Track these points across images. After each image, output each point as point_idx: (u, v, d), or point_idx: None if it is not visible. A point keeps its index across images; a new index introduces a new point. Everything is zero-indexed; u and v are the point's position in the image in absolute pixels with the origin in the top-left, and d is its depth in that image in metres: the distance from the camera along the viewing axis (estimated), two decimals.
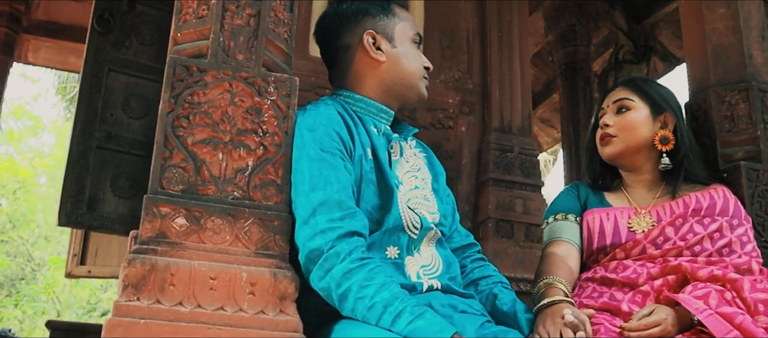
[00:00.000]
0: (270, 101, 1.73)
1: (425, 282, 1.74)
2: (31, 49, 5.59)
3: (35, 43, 5.53)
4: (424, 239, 1.80)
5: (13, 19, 4.97)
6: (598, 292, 1.96)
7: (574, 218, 2.14)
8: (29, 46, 5.55)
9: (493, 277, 1.94)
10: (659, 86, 2.21)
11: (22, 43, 5.45)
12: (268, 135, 1.71)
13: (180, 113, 1.66)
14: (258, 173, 1.68)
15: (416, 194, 1.86)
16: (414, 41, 1.94)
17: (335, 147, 1.70)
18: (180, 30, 1.78)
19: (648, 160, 2.16)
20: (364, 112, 1.87)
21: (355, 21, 1.90)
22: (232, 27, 1.76)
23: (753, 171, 2.19)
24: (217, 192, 1.64)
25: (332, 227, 1.59)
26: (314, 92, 3.27)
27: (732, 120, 2.27)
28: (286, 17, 1.85)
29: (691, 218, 2.03)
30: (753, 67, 2.31)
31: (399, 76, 1.90)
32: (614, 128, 2.16)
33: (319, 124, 1.71)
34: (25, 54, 5.59)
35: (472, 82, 3.62)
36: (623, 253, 2.03)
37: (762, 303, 1.79)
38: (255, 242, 1.63)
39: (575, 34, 5.14)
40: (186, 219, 1.60)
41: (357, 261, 1.56)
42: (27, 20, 5.27)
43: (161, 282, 1.53)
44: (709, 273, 1.87)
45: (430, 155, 2.05)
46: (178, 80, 1.68)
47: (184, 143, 1.65)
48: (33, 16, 5.36)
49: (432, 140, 3.44)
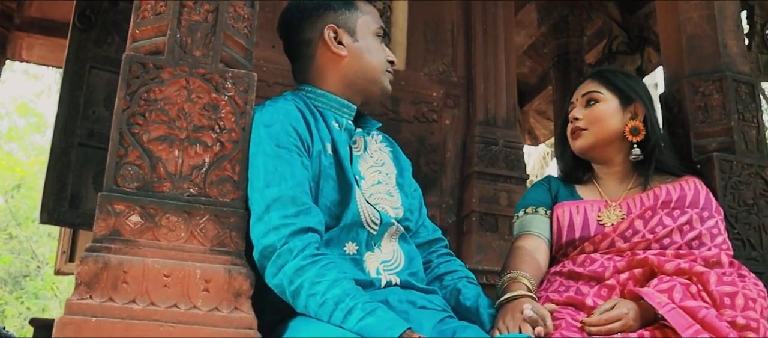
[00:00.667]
0: (227, 97, 1.72)
1: (384, 277, 1.73)
2: (25, 46, 5.59)
3: (29, 40, 5.54)
4: (384, 234, 1.79)
5: (5, 16, 4.98)
6: (565, 286, 1.94)
7: (544, 211, 2.13)
8: (23, 44, 5.55)
9: (458, 272, 1.93)
10: (628, 77, 2.19)
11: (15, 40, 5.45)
12: (225, 131, 1.70)
13: (136, 110, 1.66)
14: (214, 170, 1.67)
15: (378, 190, 1.85)
16: (377, 35, 1.93)
17: (292, 143, 1.69)
18: (138, 27, 1.77)
19: (619, 152, 2.15)
20: (326, 107, 1.86)
21: (316, 15, 1.89)
22: (190, 23, 1.75)
23: (726, 162, 2.16)
24: (172, 189, 1.64)
25: (286, 223, 1.59)
26: None
27: (706, 111, 2.25)
28: (246, 13, 1.84)
29: (660, 211, 2.01)
30: (728, 57, 2.28)
31: (361, 70, 1.88)
32: (584, 121, 2.15)
33: (275, 120, 1.70)
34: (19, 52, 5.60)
35: (456, 75, 3.60)
36: (592, 246, 2.01)
37: (728, 296, 1.78)
38: (210, 239, 1.62)
39: (568, 26, 5.10)
40: (140, 217, 1.60)
41: (309, 258, 1.55)
42: (20, 18, 5.27)
43: (114, 279, 1.53)
44: (675, 266, 1.85)
45: (396, 150, 2.04)
46: (134, 77, 1.68)
47: (139, 140, 1.64)
48: (26, 13, 5.37)
49: (416, 134, 3.43)
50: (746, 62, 2.30)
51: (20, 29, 5.38)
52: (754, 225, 2.15)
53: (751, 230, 2.14)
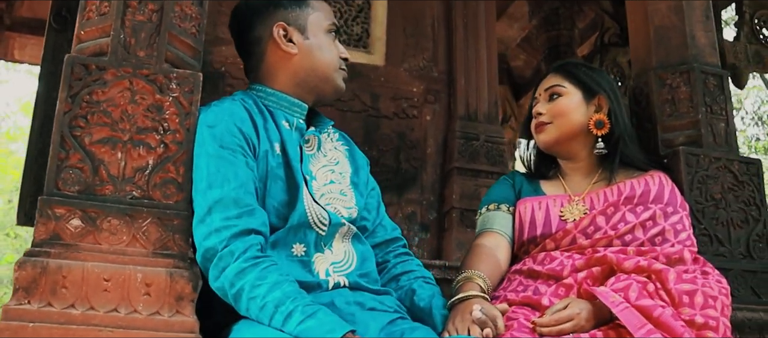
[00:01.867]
0: (172, 98, 1.70)
1: (332, 279, 1.70)
2: (18, 46, 5.59)
3: (21, 40, 5.53)
4: (335, 235, 1.76)
5: None
6: (524, 285, 1.91)
7: (507, 208, 2.10)
8: (15, 44, 5.55)
9: (415, 272, 1.90)
10: (591, 69, 2.16)
11: (7, 41, 5.45)
12: (170, 133, 1.68)
13: (78, 112, 1.64)
14: (158, 172, 1.65)
15: (331, 189, 1.83)
16: (329, 31, 1.90)
17: (236, 143, 1.66)
18: (83, 28, 1.76)
19: (584, 146, 2.11)
20: (276, 106, 1.84)
21: (266, 13, 1.86)
22: (134, 23, 1.73)
23: (692, 156, 2.12)
24: (115, 192, 1.62)
25: (227, 225, 1.56)
26: None
27: (673, 104, 2.21)
28: (194, 12, 1.82)
29: (623, 207, 1.98)
30: (696, 49, 2.24)
31: (312, 68, 1.85)
32: (547, 116, 2.11)
33: (219, 120, 1.68)
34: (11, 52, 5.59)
35: (437, 70, 3.56)
36: (553, 243, 1.98)
37: (687, 294, 1.74)
38: (153, 242, 1.61)
39: (559, 18, 5.05)
40: (81, 220, 1.58)
41: (250, 260, 1.53)
42: (10, 18, 5.26)
43: (53, 284, 1.52)
44: (634, 264, 1.82)
45: (352, 148, 2.01)
46: (77, 79, 1.66)
47: (81, 143, 1.63)
48: (16, 13, 5.36)
49: (396, 130, 3.40)
50: (715, 54, 2.25)
51: (11, 29, 5.37)
52: (721, 220, 2.10)
53: (719, 226, 2.10)
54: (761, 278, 2.07)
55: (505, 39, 5.80)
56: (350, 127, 3.32)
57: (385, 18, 3.52)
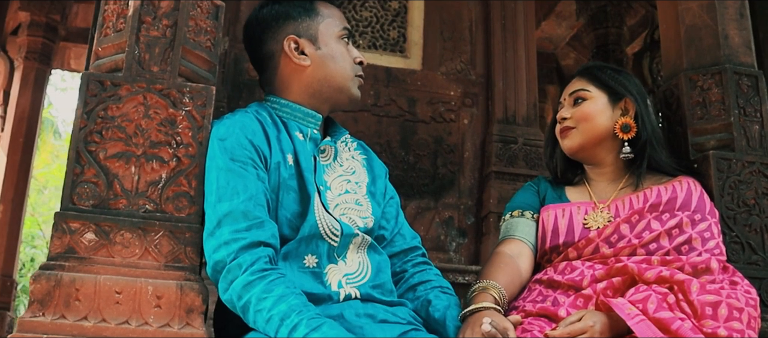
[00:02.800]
0: (185, 112, 1.72)
1: (344, 291, 1.70)
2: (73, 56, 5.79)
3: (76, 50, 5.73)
4: (349, 246, 1.76)
5: (49, 29, 5.15)
6: (543, 296, 1.87)
7: (531, 215, 2.06)
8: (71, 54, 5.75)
9: (432, 282, 1.88)
10: (618, 72, 2.10)
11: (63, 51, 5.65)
12: (182, 146, 1.70)
13: (93, 128, 1.68)
14: (171, 185, 1.68)
15: (346, 199, 1.82)
16: (341, 38, 1.89)
17: (247, 156, 1.67)
18: (101, 45, 1.80)
19: (610, 151, 2.06)
20: (290, 117, 1.84)
21: (275, 26, 1.87)
22: (148, 39, 1.76)
23: (724, 161, 2.04)
24: (128, 206, 1.65)
25: (236, 238, 1.58)
26: None
27: (704, 106, 2.13)
28: (209, 25, 1.84)
29: (648, 214, 1.92)
30: (728, 49, 2.15)
31: (325, 79, 1.85)
32: (572, 120, 2.07)
33: (230, 133, 1.69)
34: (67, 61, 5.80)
35: (474, 73, 3.52)
36: (576, 252, 1.94)
37: (711, 306, 1.67)
38: (165, 255, 1.63)
39: (606, 16, 4.94)
40: (95, 234, 1.62)
41: (257, 273, 1.54)
42: (65, 29, 5.45)
43: (67, 297, 1.55)
44: (656, 274, 1.76)
45: (371, 157, 2.00)
46: (92, 96, 1.70)
47: (96, 158, 1.66)
48: (71, 24, 5.55)
49: (433, 135, 3.38)
50: (750, 53, 2.16)
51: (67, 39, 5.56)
52: (755, 227, 2.02)
53: (752, 233, 2.01)
54: None
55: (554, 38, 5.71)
56: (387, 132, 3.32)
57: (422, 22, 3.50)
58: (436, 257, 3.20)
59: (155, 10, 1.78)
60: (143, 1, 1.77)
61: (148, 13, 1.77)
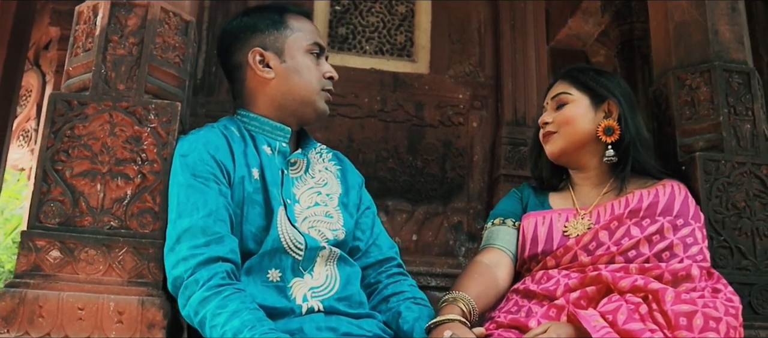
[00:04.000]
0: (150, 129, 1.74)
1: (307, 304, 1.69)
2: None
3: None
4: (316, 259, 1.75)
5: None
6: (518, 306, 1.83)
7: (512, 223, 2.02)
8: None
9: (405, 293, 1.85)
10: (600, 73, 2.04)
11: None
12: (147, 163, 1.73)
13: (59, 147, 1.71)
14: (136, 202, 1.70)
15: (315, 212, 1.82)
16: (310, 52, 1.88)
17: (208, 171, 1.68)
18: (71, 64, 1.83)
19: (594, 155, 2.01)
20: (258, 130, 1.84)
21: (243, 38, 1.87)
22: (115, 57, 1.79)
23: (711, 162, 1.97)
24: (93, 223, 1.68)
25: (194, 253, 1.58)
26: None
27: (693, 106, 2.05)
28: (178, 41, 1.86)
29: (628, 220, 1.86)
30: (718, 45, 2.07)
31: (290, 92, 1.84)
32: (554, 124, 2.02)
33: (192, 149, 1.70)
34: None
35: (483, 75, 3.47)
36: (554, 261, 1.89)
37: (685, 316, 1.61)
38: (129, 271, 1.65)
39: (631, 11, 4.82)
40: (60, 252, 1.65)
41: (213, 289, 1.55)
42: None
43: (30, 314, 1.59)
44: (631, 283, 1.71)
45: (345, 167, 1.99)
46: (59, 115, 1.73)
47: (62, 176, 1.70)
48: None
49: (441, 139, 3.35)
50: (742, 49, 2.07)
51: None
52: (745, 230, 1.94)
53: (742, 237, 1.93)
54: None
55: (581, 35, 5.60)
56: (394, 137, 3.30)
57: (430, 25, 3.46)
58: (446, 262, 3.17)
59: (122, 28, 1.80)
60: (111, 21, 1.80)
61: (115, 32, 1.80)
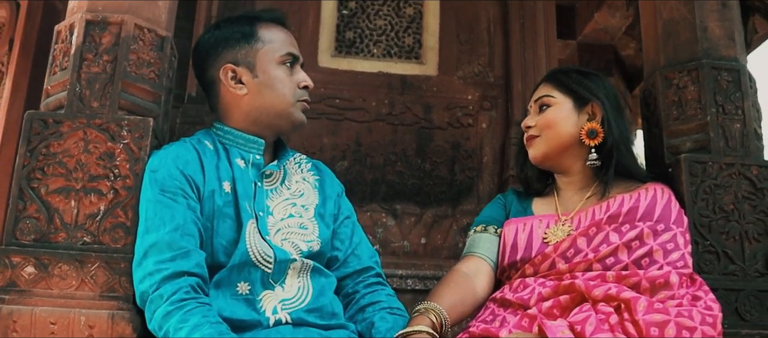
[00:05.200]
0: (123, 145, 1.77)
1: (276, 317, 1.69)
2: None
3: None
4: (287, 271, 1.75)
5: None
6: (494, 315, 1.81)
7: (494, 230, 1.99)
8: None
9: (381, 303, 1.84)
10: (584, 75, 2.00)
11: None
12: (120, 178, 1.76)
13: (35, 165, 1.75)
14: (108, 217, 1.73)
15: (289, 224, 1.82)
16: (283, 63, 1.88)
17: (177, 186, 1.70)
18: (49, 83, 1.87)
19: (578, 159, 1.97)
20: (232, 143, 1.86)
21: (214, 54, 1.88)
22: (89, 75, 1.82)
23: (698, 164, 1.91)
24: (67, 239, 1.72)
25: (159, 269, 1.61)
26: (323, 103, 3.28)
27: (680, 106, 1.99)
28: (152, 57, 1.88)
29: (607, 226, 1.82)
30: (707, 42, 2.01)
31: (264, 107, 1.85)
32: (536, 128, 1.99)
33: (162, 165, 1.73)
34: None
35: (493, 75, 3.44)
36: (532, 269, 1.86)
37: (656, 325, 1.57)
38: (101, 286, 1.69)
39: None
40: (35, 267, 1.69)
41: (176, 303, 1.56)
42: None
43: (5, 329, 1.63)
44: (604, 291, 1.67)
45: (324, 177, 1.98)
46: (35, 134, 1.77)
47: (38, 194, 1.74)
48: None
49: (450, 141, 3.33)
50: (733, 46, 2.00)
51: None
52: (733, 234, 1.87)
53: (730, 241, 1.87)
54: None
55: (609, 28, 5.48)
56: (402, 141, 3.29)
57: (438, 26, 3.44)
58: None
59: (97, 46, 1.84)
60: (86, 39, 1.84)
61: (90, 50, 1.83)
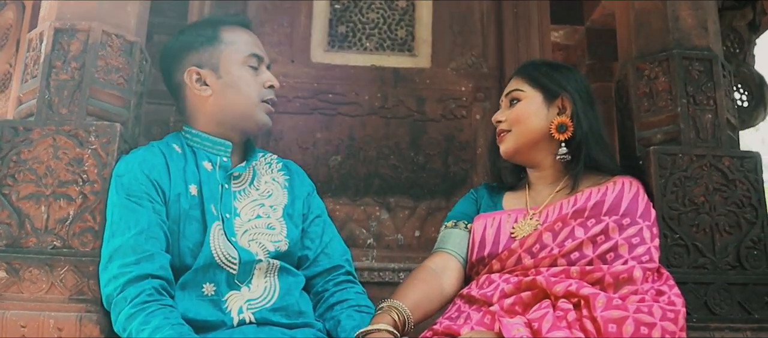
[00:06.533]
0: (91, 150, 1.81)
1: (240, 316, 1.72)
2: None
3: None
4: (253, 272, 1.77)
5: None
6: (459, 312, 1.82)
7: (464, 225, 2.00)
8: None
9: (349, 301, 1.86)
10: (554, 68, 1.99)
11: None
12: (88, 183, 1.79)
13: (6, 172, 1.79)
14: (77, 222, 1.77)
15: (256, 225, 1.84)
16: (247, 64, 1.89)
17: (142, 191, 1.73)
18: (22, 91, 1.92)
19: (548, 153, 1.96)
20: (199, 146, 1.88)
21: (180, 58, 1.90)
22: (58, 82, 1.86)
23: (667, 156, 1.89)
24: (38, 244, 1.76)
25: (123, 272, 1.64)
26: (317, 98, 3.29)
27: (651, 97, 1.97)
28: (121, 62, 1.92)
29: (572, 221, 1.82)
30: (679, 32, 1.98)
31: (228, 107, 1.87)
32: (506, 123, 1.99)
33: (128, 170, 1.76)
34: None
35: (487, 66, 3.41)
36: (499, 264, 1.86)
37: (615, 322, 1.57)
38: (70, 289, 1.73)
39: None
40: (6, 272, 1.74)
41: (138, 305, 1.60)
42: None
43: None
44: (564, 288, 1.67)
45: (294, 177, 2.00)
46: (6, 142, 1.81)
47: (9, 200, 1.78)
48: None
49: (443, 133, 3.32)
50: (705, 35, 1.97)
51: None
52: (703, 227, 1.86)
53: (700, 233, 1.85)
54: (753, 291, 1.81)
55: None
56: (396, 134, 3.29)
57: (431, 18, 3.42)
58: None
59: (66, 54, 1.87)
60: (55, 47, 1.87)
61: (59, 57, 1.87)
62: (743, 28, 4.51)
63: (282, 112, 3.10)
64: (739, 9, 4.55)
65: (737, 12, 4.55)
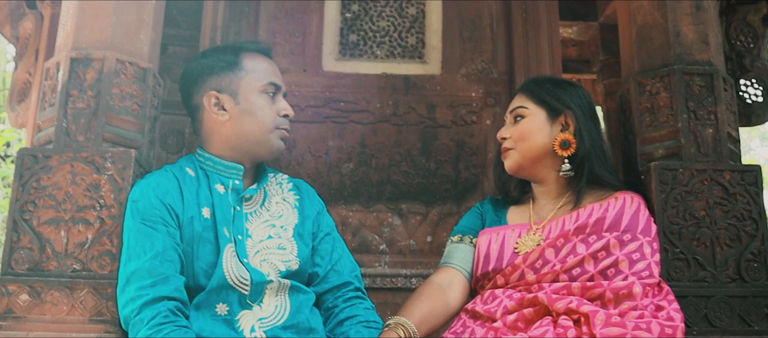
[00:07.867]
0: (107, 176, 1.88)
1: (253, 335, 1.78)
2: None
3: None
4: (264, 291, 1.84)
5: None
6: (464, 327, 1.87)
7: (469, 240, 2.05)
8: None
9: (358, 317, 1.91)
10: (558, 85, 2.03)
11: None
12: (105, 208, 1.86)
13: (27, 198, 1.87)
14: (95, 245, 1.84)
15: (267, 245, 1.90)
16: (265, 91, 1.95)
17: (157, 215, 1.80)
18: (40, 118, 1.99)
19: (552, 168, 2.01)
20: (212, 169, 1.94)
21: (200, 81, 1.96)
22: (75, 110, 1.93)
23: (668, 172, 1.92)
24: (58, 267, 1.83)
25: (140, 295, 1.71)
26: (329, 107, 3.35)
27: (652, 112, 2.01)
28: (135, 89, 1.98)
29: (574, 237, 1.86)
30: (680, 47, 2.01)
31: (244, 133, 1.93)
32: (510, 140, 2.04)
33: (143, 195, 1.82)
34: None
35: (497, 72, 3.45)
36: (503, 279, 1.91)
37: None
38: (89, 310, 1.80)
39: None
40: (29, 295, 1.81)
41: (155, 327, 1.67)
42: None
43: None
44: (566, 305, 1.72)
45: (305, 195, 2.06)
46: (26, 169, 1.89)
47: (31, 225, 1.86)
48: None
49: (454, 139, 3.36)
50: (706, 49, 1.99)
51: None
52: (704, 241, 1.89)
53: (701, 247, 1.89)
54: (753, 303, 1.84)
55: None
56: (407, 141, 3.34)
57: (441, 25, 3.46)
58: None
59: (81, 82, 1.94)
60: (71, 76, 1.94)
61: (75, 86, 1.94)
62: (757, 23, 4.47)
63: (295, 121, 3.14)
64: (753, 3, 4.51)
65: (751, 6, 4.51)
